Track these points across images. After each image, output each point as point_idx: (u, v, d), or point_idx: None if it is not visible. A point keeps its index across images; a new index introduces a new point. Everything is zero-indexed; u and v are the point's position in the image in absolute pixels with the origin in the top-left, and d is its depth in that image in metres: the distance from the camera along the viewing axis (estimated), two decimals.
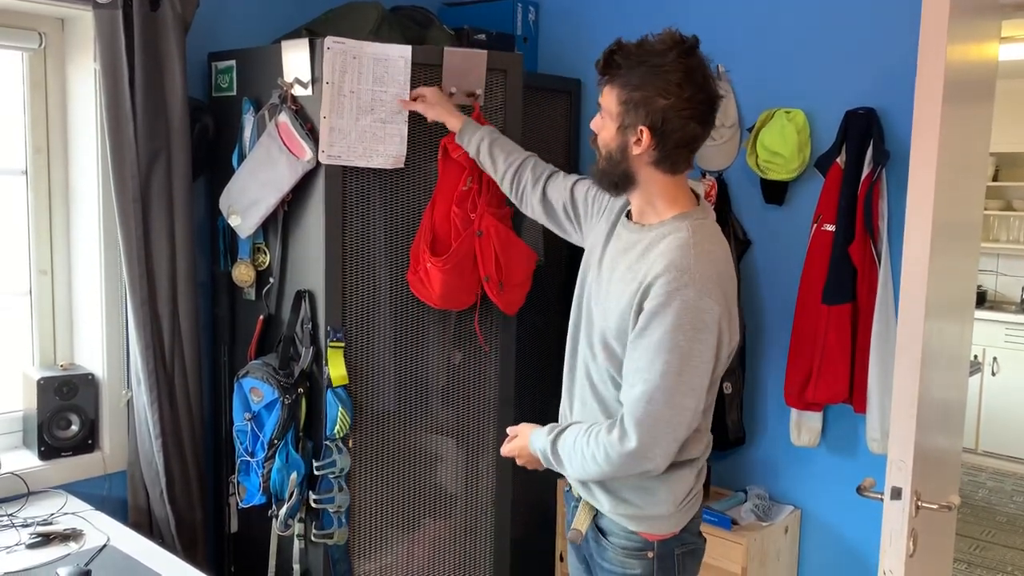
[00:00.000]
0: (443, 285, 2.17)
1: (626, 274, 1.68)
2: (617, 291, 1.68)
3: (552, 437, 1.77)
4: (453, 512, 2.41)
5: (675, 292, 1.56)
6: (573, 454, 1.72)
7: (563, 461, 1.75)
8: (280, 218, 2.25)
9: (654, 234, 1.68)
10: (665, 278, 1.58)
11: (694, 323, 1.57)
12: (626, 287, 1.66)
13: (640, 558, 1.75)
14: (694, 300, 1.56)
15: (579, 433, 1.72)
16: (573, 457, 1.72)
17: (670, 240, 1.63)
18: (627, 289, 1.65)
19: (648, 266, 1.63)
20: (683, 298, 1.56)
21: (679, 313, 1.56)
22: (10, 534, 2.00)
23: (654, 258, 1.63)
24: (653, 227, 1.70)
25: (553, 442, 1.76)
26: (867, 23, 2.38)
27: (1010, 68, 4.27)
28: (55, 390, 2.27)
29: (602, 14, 2.90)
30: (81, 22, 2.27)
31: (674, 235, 1.64)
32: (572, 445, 1.72)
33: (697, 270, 1.58)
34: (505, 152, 2.11)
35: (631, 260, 1.69)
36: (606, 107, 1.67)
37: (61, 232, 2.41)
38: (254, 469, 2.22)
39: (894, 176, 2.32)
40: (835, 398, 2.37)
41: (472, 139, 2.11)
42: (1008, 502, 5.11)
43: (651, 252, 1.65)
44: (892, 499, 1.60)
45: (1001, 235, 6.01)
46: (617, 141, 1.66)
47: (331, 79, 2.08)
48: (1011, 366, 5.55)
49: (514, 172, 2.09)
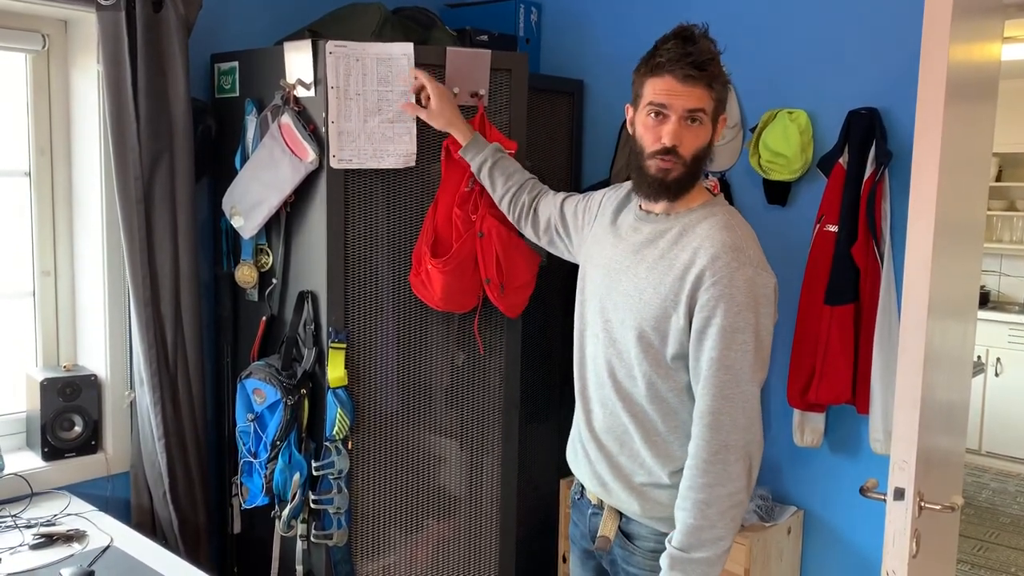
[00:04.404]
0: (444, 287, 2.17)
1: (659, 262, 1.68)
2: (653, 280, 1.68)
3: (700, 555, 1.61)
4: (457, 514, 2.41)
5: (736, 272, 1.60)
6: (720, 526, 1.61)
7: (721, 546, 1.62)
8: (283, 219, 2.25)
9: (686, 220, 1.69)
10: (723, 260, 1.60)
11: (759, 299, 1.61)
12: (664, 275, 1.66)
13: None
14: (753, 276, 1.61)
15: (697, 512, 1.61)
16: (723, 531, 1.61)
17: (711, 224, 1.66)
18: (666, 277, 1.66)
19: (690, 252, 1.64)
20: (745, 276, 1.60)
21: (744, 292, 1.59)
22: (14, 535, 2.01)
23: (697, 242, 1.64)
24: (681, 215, 1.71)
25: (704, 541, 1.61)
26: (870, 23, 2.38)
27: (1013, 68, 4.27)
28: (58, 391, 2.28)
29: (604, 15, 2.90)
30: (84, 24, 2.27)
31: (712, 219, 1.67)
32: (710, 524, 1.61)
33: (748, 247, 1.64)
34: (506, 175, 2.12)
35: (663, 248, 1.69)
36: (701, 107, 1.64)
37: (64, 233, 2.41)
38: (257, 470, 2.22)
39: (897, 176, 2.32)
40: (838, 399, 2.37)
41: (476, 156, 2.12)
42: (1012, 503, 5.10)
43: (687, 237, 1.67)
44: (895, 500, 1.60)
45: (1004, 236, 6.00)
46: (708, 140, 1.68)
47: (335, 83, 2.08)
48: (1015, 367, 5.54)
49: (512, 195, 2.12)
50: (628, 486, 1.75)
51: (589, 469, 1.85)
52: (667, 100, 1.63)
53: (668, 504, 1.71)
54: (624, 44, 2.84)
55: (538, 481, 2.91)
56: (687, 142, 1.64)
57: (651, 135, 1.66)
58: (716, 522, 1.61)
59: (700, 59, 1.61)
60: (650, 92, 1.65)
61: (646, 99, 1.67)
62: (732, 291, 1.59)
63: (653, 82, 1.65)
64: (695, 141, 1.65)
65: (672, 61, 1.61)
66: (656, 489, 1.73)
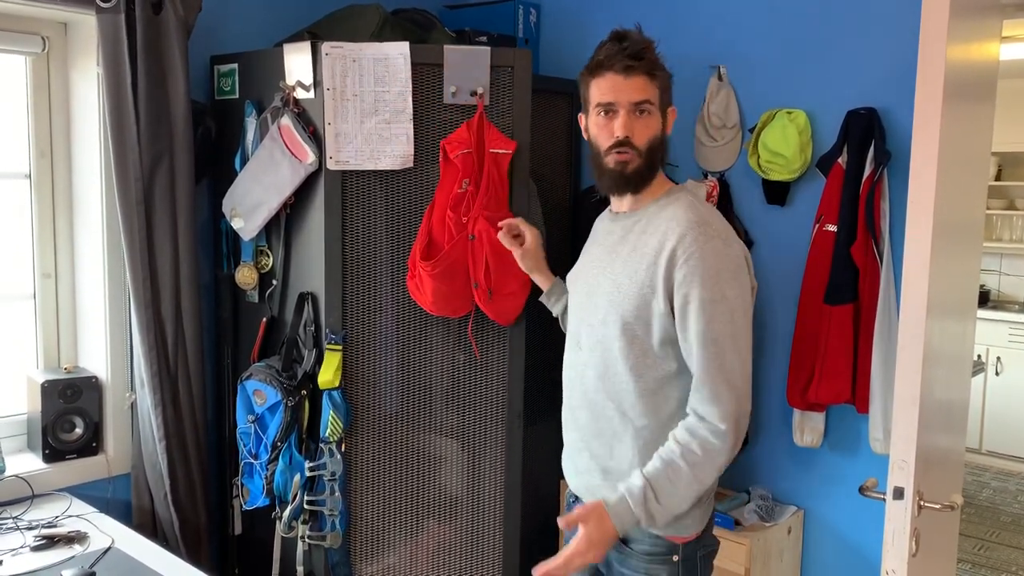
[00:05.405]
0: (434, 291, 2.14)
1: (632, 254, 1.72)
2: (628, 271, 1.71)
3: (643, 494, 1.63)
4: (458, 516, 2.40)
5: (705, 246, 1.63)
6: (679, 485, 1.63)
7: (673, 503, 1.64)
8: (283, 221, 2.25)
9: (651, 211, 1.74)
10: (691, 236, 1.63)
11: (732, 269, 1.64)
12: (638, 264, 1.69)
13: (666, 563, 1.74)
14: (723, 248, 1.64)
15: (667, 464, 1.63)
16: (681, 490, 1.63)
17: (675, 207, 1.70)
18: (640, 265, 1.69)
19: (659, 236, 1.67)
20: (714, 249, 1.63)
21: (716, 263, 1.62)
22: (15, 537, 2.01)
23: (664, 226, 1.68)
24: (647, 207, 1.76)
25: (647, 498, 1.62)
26: (868, 23, 2.38)
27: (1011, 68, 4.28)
28: (59, 393, 2.28)
29: (603, 16, 2.90)
30: (84, 26, 2.27)
31: (676, 204, 1.72)
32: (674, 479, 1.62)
33: (713, 222, 1.68)
34: None
35: (633, 241, 1.73)
36: (647, 98, 1.68)
37: (65, 235, 2.42)
38: (258, 471, 2.22)
39: (896, 176, 2.32)
40: (837, 398, 2.37)
41: (559, 303, 2.08)
42: (1012, 502, 5.10)
43: (653, 225, 1.71)
44: (894, 499, 1.60)
45: (1004, 235, 6.00)
46: (660, 130, 1.72)
47: (332, 84, 2.08)
48: (1015, 366, 5.54)
49: None
50: None
51: (580, 481, 1.87)
52: (613, 97, 1.69)
53: None
54: None
55: (538, 481, 2.91)
56: (639, 132, 1.69)
57: (604, 132, 1.71)
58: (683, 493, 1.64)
59: (635, 49, 1.67)
60: (596, 93, 1.71)
61: (593, 101, 1.72)
62: (704, 264, 1.62)
63: (597, 83, 1.71)
64: (646, 131, 1.70)
65: (610, 58, 1.68)
66: None
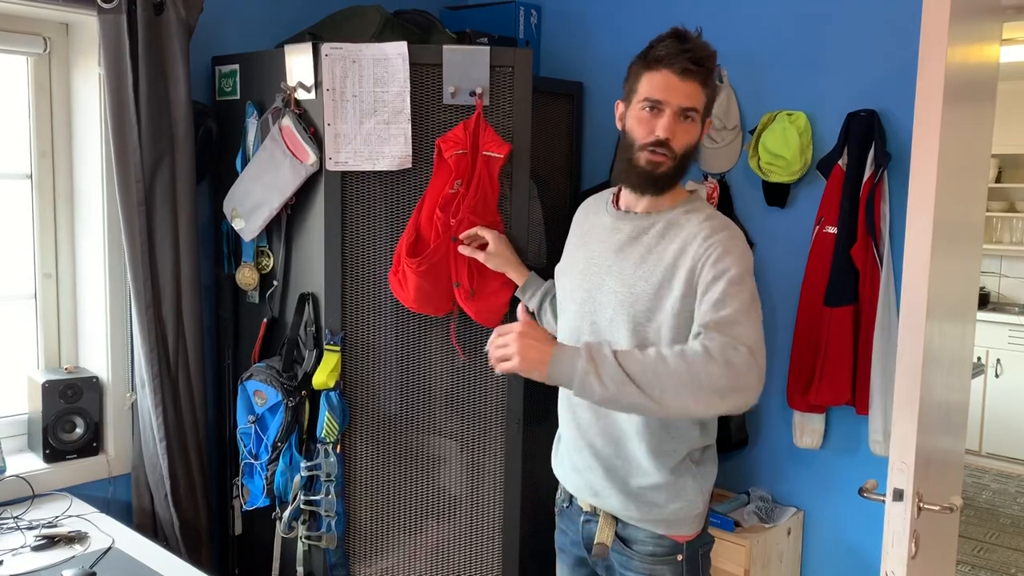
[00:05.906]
0: (416, 289, 2.13)
1: (648, 256, 1.70)
2: (644, 273, 1.69)
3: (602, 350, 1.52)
4: (458, 517, 2.40)
5: (732, 245, 1.65)
6: (662, 373, 1.49)
7: (643, 384, 1.49)
8: (283, 221, 2.26)
9: (670, 216, 1.73)
10: (718, 237, 1.65)
11: (750, 268, 1.66)
12: (655, 267, 1.68)
13: (670, 563, 1.74)
14: (745, 248, 1.67)
15: (660, 351, 1.52)
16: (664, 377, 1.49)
17: (698, 216, 1.71)
18: (657, 267, 1.68)
19: (680, 242, 1.67)
20: (741, 249, 1.66)
21: (740, 260, 1.64)
22: (15, 536, 2.01)
23: (686, 233, 1.68)
24: (664, 212, 1.74)
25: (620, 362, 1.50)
26: (868, 25, 2.38)
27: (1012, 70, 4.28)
28: (60, 393, 2.28)
29: (604, 17, 2.90)
30: (85, 27, 2.28)
31: (699, 211, 1.72)
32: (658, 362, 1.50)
33: (734, 228, 1.70)
34: None
35: (648, 243, 1.71)
36: (695, 105, 1.67)
37: (66, 236, 2.42)
38: (258, 471, 2.22)
39: (896, 178, 2.32)
40: (837, 400, 2.37)
41: (535, 295, 2.08)
42: (1012, 504, 5.10)
43: (674, 231, 1.70)
44: (894, 501, 1.60)
45: (1004, 236, 6.01)
46: (697, 138, 1.71)
47: (331, 85, 2.09)
48: (1015, 368, 5.54)
49: None
50: (624, 491, 1.75)
51: (579, 479, 1.84)
52: (663, 95, 1.64)
53: (663, 505, 1.73)
54: (624, 46, 2.84)
55: (537, 481, 2.91)
56: (679, 137, 1.67)
57: (644, 128, 1.67)
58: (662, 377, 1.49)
59: (698, 55, 1.64)
60: (646, 87, 1.66)
61: (641, 94, 1.67)
62: (732, 256, 1.63)
63: (650, 76, 1.66)
64: (686, 137, 1.68)
65: (671, 56, 1.63)
66: (652, 491, 1.73)
